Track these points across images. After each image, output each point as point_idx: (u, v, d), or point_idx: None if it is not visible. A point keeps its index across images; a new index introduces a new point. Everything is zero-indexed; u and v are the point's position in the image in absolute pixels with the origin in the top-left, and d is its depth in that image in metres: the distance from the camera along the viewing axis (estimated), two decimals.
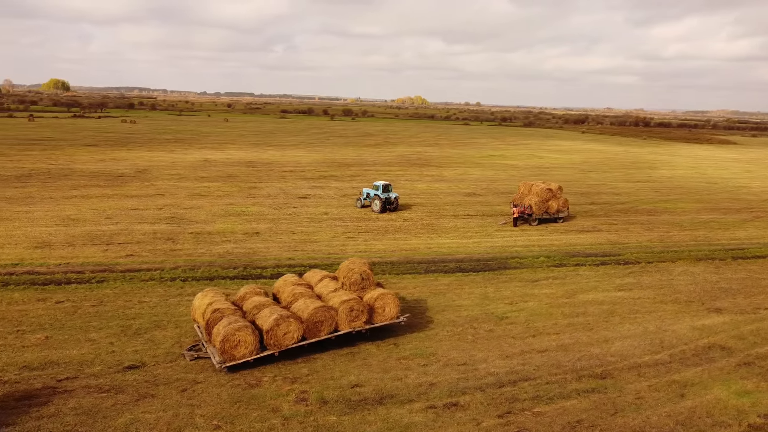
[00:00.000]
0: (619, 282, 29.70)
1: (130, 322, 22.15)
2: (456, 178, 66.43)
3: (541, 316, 24.47)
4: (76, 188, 49.35)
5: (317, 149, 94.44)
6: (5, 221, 36.99)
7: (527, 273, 30.73)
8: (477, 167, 78.24)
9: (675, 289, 28.91)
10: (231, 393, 17.30)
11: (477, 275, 30.03)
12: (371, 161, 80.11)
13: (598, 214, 47.71)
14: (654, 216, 48.06)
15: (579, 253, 35.10)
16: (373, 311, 20.75)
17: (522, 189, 44.76)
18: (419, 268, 30.77)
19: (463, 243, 36.54)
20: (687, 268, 32.70)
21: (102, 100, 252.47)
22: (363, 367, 19.28)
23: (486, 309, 25.10)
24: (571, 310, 25.33)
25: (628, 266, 32.71)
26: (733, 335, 23.13)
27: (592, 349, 21.34)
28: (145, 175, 57.94)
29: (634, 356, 20.85)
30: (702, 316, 25.25)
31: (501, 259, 33.23)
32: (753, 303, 27.22)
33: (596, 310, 25.46)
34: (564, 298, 26.98)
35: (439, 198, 52.64)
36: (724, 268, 33.03)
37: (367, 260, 23.37)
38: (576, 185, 64.15)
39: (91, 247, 32.06)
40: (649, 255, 35.27)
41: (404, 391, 17.78)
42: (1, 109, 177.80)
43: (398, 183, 60.37)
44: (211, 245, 33.57)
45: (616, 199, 55.69)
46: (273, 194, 50.66)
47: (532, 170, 77.11)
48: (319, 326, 19.54)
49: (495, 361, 20.12)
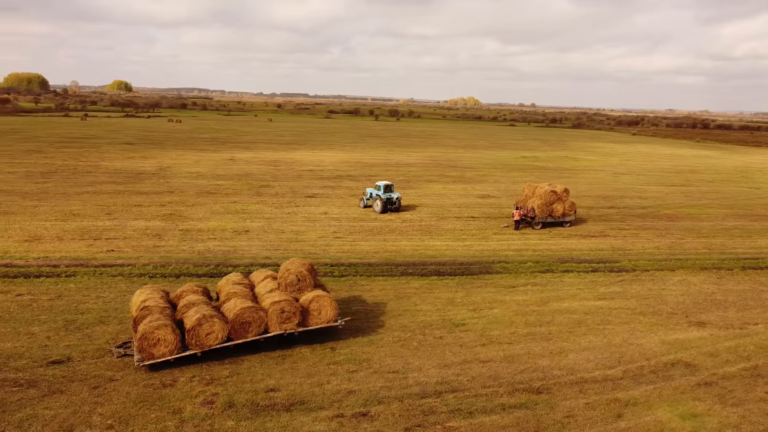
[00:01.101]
0: (603, 291, 28.03)
1: (77, 316, 22.27)
2: (477, 179, 64.95)
3: (501, 324, 23.26)
4: (92, 185, 50.73)
5: (347, 149, 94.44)
6: (9, 215, 38.22)
7: (507, 278, 29.42)
8: (503, 169, 76.39)
9: (662, 299, 27.05)
10: (140, 392, 17.02)
11: (453, 279, 28.95)
12: (396, 162, 79.41)
13: (612, 219, 45.53)
14: (673, 221, 45.50)
15: (573, 259, 33.44)
16: (308, 314, 20.12)
17: (526, 191, 43.15)
18: (396, 271, 29.92)
19: (453, 246, 35.43)
20: (685, 278, 30.61)
21: (157, 101, 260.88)
22: (288, 371, 18.68)
23: (446, 315, 24.07)
24: (536, 319, 24.00)
25: (620, 274, 30.90)
26: (705, 352, 21.34)
27: (540, 361, 20.06)
28: (163, 173, 59.11)
29: (583, 370, 19.47)
30: (679, 329, 23.46)
31: (486, 263, 31.98)
32: (744, 317, 25.14)
33: (564, 320, 24.03)
34: (535, 305, 25.62)
35: (450, 199, 51.47)
36: (727, 279, 30.76)
37: (309, 261, 22.70)
38: (601, 188, 61.67)
39: (78, 242, 32.68)
40: (650, 263, 33.26)
41: (319, 398, 17.09)
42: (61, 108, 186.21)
43: (415, 183, 59.54)
44: (195, 242, 33.69)
45: (639, 204, 53.10)
46: (281, 193, 50.69)
47: (560, 172, 74.69)
48: (247, 327, 19.06)
49: (430, 370, 19.15)
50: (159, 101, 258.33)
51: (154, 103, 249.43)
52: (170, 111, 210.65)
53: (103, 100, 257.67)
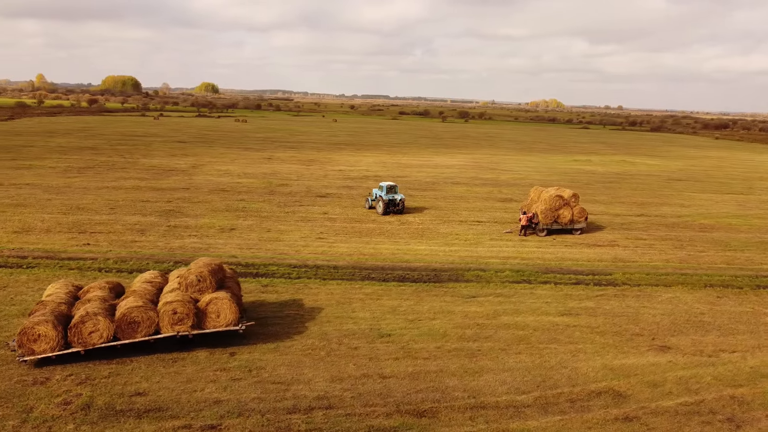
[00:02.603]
0: (572, 306, 25.48)
1: (3, 308, 22.48)
2: (510, 182, 62.15)
3: (432, 337, 21.47)
4: (116, 180, 52.40)
5: (394, 150, 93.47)
6: (19, 207, 39.89)
7: (473, 287, 27.39)
8: (545, 172, 72.85)
9: (635, 319, 24.22)
10: (7, 388, 16.75)
11: (412, 286, 27.27)
12: (435, 163, 77.61)
13: (634, 227, 41.94)
14: (704, 232, 41.34)
15: (560, 270, 30.82)
16: (206, 316, 19.25)
17: (532, 195, 40.46)
18: (358, 275, 28.59)
19: (436, 251, 33.61)
20: (678, 295, 27.40)
21: (234, 102, 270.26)
22: (170, 375, 17.89)
23: (378, 324, 22.53)
24: (475, 333, 22.01)
25: (605, 288, 28.09)
26: (648, 381, 18.71)
27: (448, 381, 18.22)
28: (191, 171, 60.38)
29: (490, 394, 17.48)
30: (634, 353, 20.79)
31: (460, 270, 30.01)
32: (722, 343, 22.02)
33: (506, 335, 21.90)
34: (483, 318, 23.57)
35: (468, 202, 49.33)
36: (730, 299, 27.28)
37: (218, 261, 21.67)
38: (643, 195, 57.38)
39: (62, 235, 33.47)
40: (647, 277, 30.12)
41: (180, 406, 16.17)
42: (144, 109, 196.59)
43: (441, 185, 57.73)
44: (174, 239, 33.73)
45: (676, 212, 48.79)
46: (294, 192, 50.36)
47: (606, 176, 70.34)
48: (135, 327, 18.44)
49: (319, 383, 17.79)
50: (236, 102, 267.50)
51: (231, 104, 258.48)
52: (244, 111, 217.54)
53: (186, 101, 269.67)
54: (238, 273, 27.22)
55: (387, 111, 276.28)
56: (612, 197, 55.23)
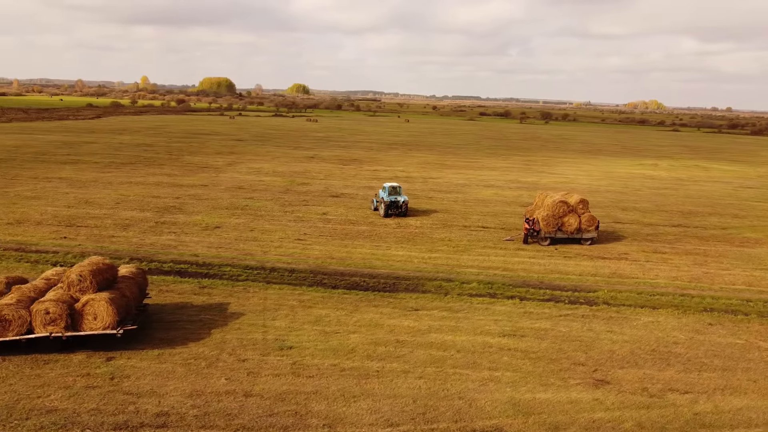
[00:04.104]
0: (523, 326, 22.60)
1: None
2: (548, 186, 58.12)
3: (335, 353, 19.52)
4: (145, 176, 53.67)
5: (448, 150, 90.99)
6: (32, 199, 41.44)
7: (423, 299, 25.04)
8: (596, 176, 67.83)
9: (588, 345, 21.05)
10: None
11: (359, 294, 25.32)
12: (480, 165, 74.49)
13: (660, 239, 37.55)
14: (743, 248, 36.33)
15: (539, 284, 27.73)
16: (82, 317, 18.36)
17: (537, 200, 37.08)
18: (310, 280, 26.99)
19: (414, 257, 31.36)
20: (659, 320, 23.73)
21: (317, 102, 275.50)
22: (29, 378, 17.11)
23: (288, 335, 20.85)
24: (387, 351, 19.83)
25: (576, 307, 24.85)
26: (551, 423, 15.87)
27: (314, 405, 16.28)
28: (226, 168, 61.07)
29: (352, 424, 15.40)
30: (558, 387, 17.86)
31: (424, 279, 27.68)
32: (678, 381, 18.56)
33: (420, 356, 19.56)
34: (410, 335, 21.29)
35: (485, 206, 46.38)
36: (721, 327, 23.29)
37: (105, 261, 20.51)
38: (695, 202, 51.83)
39: (47, 227, 34.16)
40: (638, 296, 26.48)
41: (12, 412, 15.32)
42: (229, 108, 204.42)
43: (470, 188, 54.95)
44: (153, 235, 33.56)
45: (723, 224, 43.46)
46: (309, 192, 49.44)
47: (665, 182, 64.47)
48: (6, 325, 17.85)
49: (174, 397, 16.39)
50: (318, 103, 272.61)
51: (313, 104, 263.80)
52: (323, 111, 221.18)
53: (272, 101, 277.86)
54: (190, 273, 26.59)
55: (469, 112, 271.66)
56: (656, 205, 50.20)
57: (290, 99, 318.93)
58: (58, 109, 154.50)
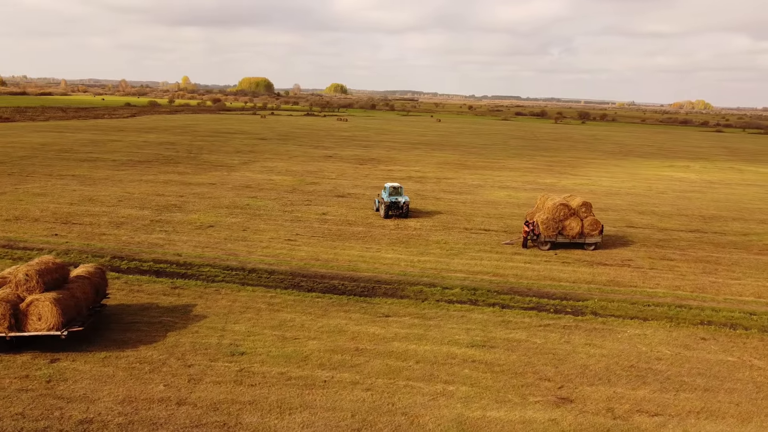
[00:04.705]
0: (496, 336, 21.36)
1: None
2: (566, 188, 56.17)
3: (287, 361, 18.70)
4: (156, 174, 53.96)
5: (473, 150, 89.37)
6: (39, 196, 41.92)
7: (397, 305, 24.00)
8: (621, 178, 65.32)
9: (561, 359, 19.69)
10: None
11: (333, 298, 24.44)
12: (501, 165, 72.71)
13: (671, 245, 35.55)
14: (759, 256, 34.10)
15: (527, 291, 26.35)
16: (27, 318, 18.00)
17: (538, 203, 35.50)
18: (287, 282, 26.25)
19: (403, 260, 30.33)
20: (647, 333, 22.14)
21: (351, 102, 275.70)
22: None
23: (244, 340, 20.12)
24: (342, 360, 18.89)
25: (559, 317, 23.44)
26: None
27: (246, 417, 15.48)
28: (240, 166, 61.01)
29: None
30: (513, 405, 16.63)
31: (405, 284, 26.63)
32: (650, 402, 17.08)
33: (375, 366, 18.57)
34: (372, 342, 20.31)
35: (494, 208, 44.93)
36: (713, 342, 21.58)
37: (58, 261, 20.08)
38: (719, 207, 49.25)
39: (44, 224, 34.35)
40: (627, 307, 24.87)
41: None
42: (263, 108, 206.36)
43: (482, 189, 53.49)
44: (143, 233, 33.39)
45: (745, 229, 41.01)
46: (316, 191, 48.84)
47: (693, 185, 61.62)
48: None
49: (104, 403, 15.83)
50: (353, 102, 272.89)
51: (347, 103, 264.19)
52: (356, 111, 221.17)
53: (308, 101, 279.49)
54: (167, 272, 26.26)
55: (506, 112, 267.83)
56: (677, 208, 47.83)
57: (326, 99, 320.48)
58: (96, 109, 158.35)
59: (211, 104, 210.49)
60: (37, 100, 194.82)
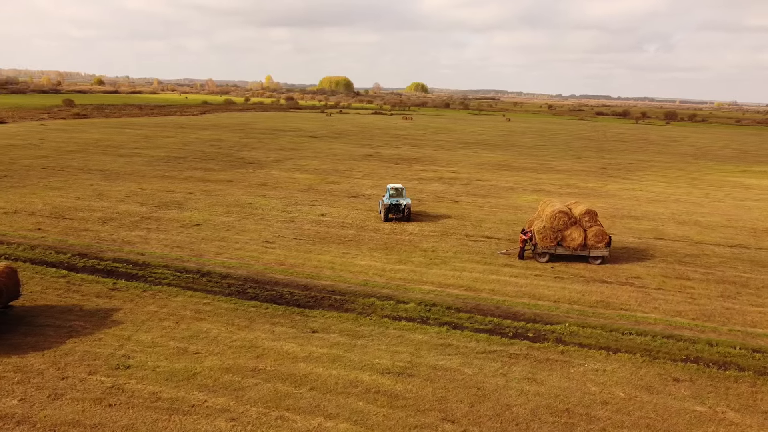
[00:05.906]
0: (424, 361, 18.71)
1: None
2: (608, 193, 51.53)
3: (171, 379, 16.98)
4: (181, 170, 54.21)
5: (526, 152, 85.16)
6: (53, 190, 42.73)
7: (336, 320, 21.77)
8: (678, 182, 59.45)
9: (485, 396, 16.81)
10: None
11: (269, 309, 22.55)
12: (548, 167, 68.27)
13: (698, 261, 31.11)
14: None
15: (492, 311, 23.35)
16: None
17: (539, 209, 31.99)
18: (233, 288, 24.64)
19: (376, 267, 28.01)
20: (607, 369, 18.73)
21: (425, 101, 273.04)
22: None
23: (142, 351, 18.61)
24: (232, 381, 16.94)
25: (512, 343, 20.40)
26: None
27: None
28: (270, 164, 60.51)
29: None
30: None
31: (361, 295, 24.33)
32: None
33: (262, 392, 16.49)
34: (276, 363, 18.23)
35: (511, 213, 41.55)
36: (685, 386, 17.90)
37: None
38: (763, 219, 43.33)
39: (36, 218, 34.61)
40: (601, 335, 21.41)
41: None
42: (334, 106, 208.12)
43: (510, 192, 50.02)
44: (125, 231, 32.88)
45: None
46: (330, 191, 47.21)
47: (761, 194, 55.09)
48: None
49: None
50: (426, 101, 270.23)
51: (421, 102, 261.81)
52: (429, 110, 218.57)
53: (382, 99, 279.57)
54: (117, 273, 25.51)
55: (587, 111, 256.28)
56: (728, 219, 42.46)
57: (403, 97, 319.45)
58: (171, 106, 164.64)
59: (284, 102, 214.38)
60: (124, 98, 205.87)
